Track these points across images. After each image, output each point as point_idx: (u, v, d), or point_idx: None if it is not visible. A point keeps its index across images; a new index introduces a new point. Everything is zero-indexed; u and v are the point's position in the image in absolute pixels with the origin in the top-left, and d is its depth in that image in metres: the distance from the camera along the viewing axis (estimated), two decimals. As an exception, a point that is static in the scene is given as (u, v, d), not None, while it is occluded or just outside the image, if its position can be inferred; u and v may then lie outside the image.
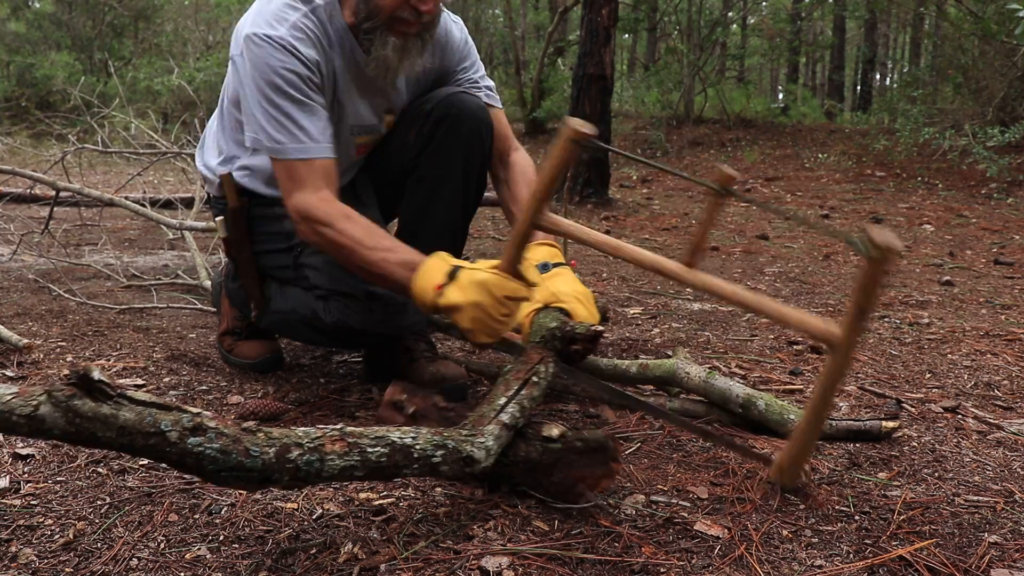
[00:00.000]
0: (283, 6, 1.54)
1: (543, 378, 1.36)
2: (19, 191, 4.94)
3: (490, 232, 4.86)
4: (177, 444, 0.90)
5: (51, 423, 0.86)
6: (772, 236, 4.91)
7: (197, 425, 0.92)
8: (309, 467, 0.98)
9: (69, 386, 0.87)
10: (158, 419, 0.90)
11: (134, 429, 0.89)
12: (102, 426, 0.88)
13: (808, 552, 1.10)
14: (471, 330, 1.35)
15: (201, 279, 2.81)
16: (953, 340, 2.35)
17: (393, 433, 1.07)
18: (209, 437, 0.92)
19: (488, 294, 1.32)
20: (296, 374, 1.90)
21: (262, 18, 1.53)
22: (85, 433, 0.88)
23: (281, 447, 0.97)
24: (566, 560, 1.06)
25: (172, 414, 0.91)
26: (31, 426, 0.86)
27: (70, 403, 0.87)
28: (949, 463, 1.43)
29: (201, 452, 0.92)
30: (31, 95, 14.28)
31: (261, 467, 0.95)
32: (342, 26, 1.59)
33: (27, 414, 0.86)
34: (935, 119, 9.73)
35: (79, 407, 0.87)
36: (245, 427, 0.97)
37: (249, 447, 0.94)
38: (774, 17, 16.63)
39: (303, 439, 1.00)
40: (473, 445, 1.13)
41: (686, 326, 2.48)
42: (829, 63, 20.46)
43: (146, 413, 0.90)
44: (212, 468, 0.93)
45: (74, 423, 0.87)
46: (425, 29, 1.59)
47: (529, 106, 12.55)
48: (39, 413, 0.86)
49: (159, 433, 0.90)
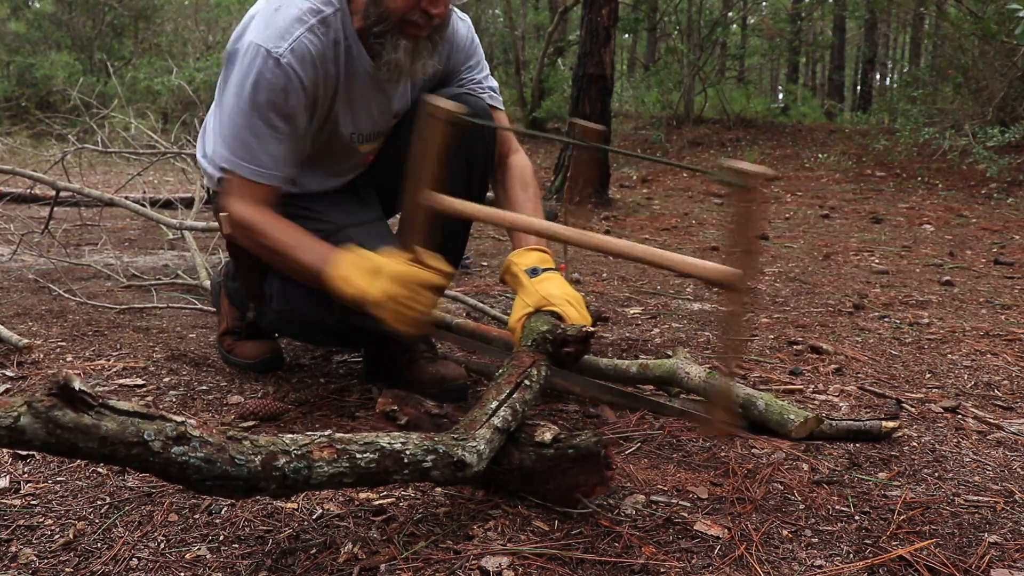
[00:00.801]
0: (292, 21, 1.51)
1: (536, 381, 1.35)
2: (19, 191, 4.94)
3: (490, 232, 4.85)
4: (160, 454, 0.88)
5: (31, 434, 0.84)
6: (772, 236, 4.91)
7: (181, 434, 0.90)
8: (297, 475, 0.97)
9: (49, 396, 0.85)
10: (141, 428, 0.88)
11: (116, 439, 0.87)
12: (84, 437, 0.85)
13: (808, 552, 1.10)
14: (389, 321, 1.38)
15: (201, 279, 2.81)
16: (953, 340, 2.35)
17: (382, 439, 1.06)
18: (193, 446, 0.90)
19: (402, 285, 1.36)
20: (296, 374, 1.90)
21: (270, 30, 1.50)
22: (67, 444, 0.85)
23: (267, 455, 0.95)
24: (566, 560, 1.06)
25: (155, 423, 0.89)
26: (11, 437, 0.83)
27: (50, 414, 0.84)
28: (949, 463, 1.43)
29: (185, 462, 0.90)
30: (31, 95, 14.27)
31: (247, 475, 0.93)
32: (352, 33, 1.58)
33: (7, 426, 0.83)
34: (935, 119, 9.74)
35: (59, 418, 0.84)
36: (231, 435, 0.95)
37: (234, 455, 0.93)
38: (774, 17, 16.64)
39: (290, 446, 0.98)
40: (464, 449, 1.12)
41: (686, 326, 2.48)
42: (829, 63, 20.47)
43: (128, 423, 0.88)
44: (196, 478, 0.91)
45: (55, 434, 0.84)
46: (435, 31, 1.58)
47: (529, 106, 12.55)
48: (19, 424, 0.83)
49: (142, 443, 0.88)
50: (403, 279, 1.36)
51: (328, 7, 1.54)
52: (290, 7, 1.52)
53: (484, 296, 2.89)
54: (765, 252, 4.26)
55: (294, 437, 1.00)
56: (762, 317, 2.63)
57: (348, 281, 1.40)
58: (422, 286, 1.37)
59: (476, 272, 3.51)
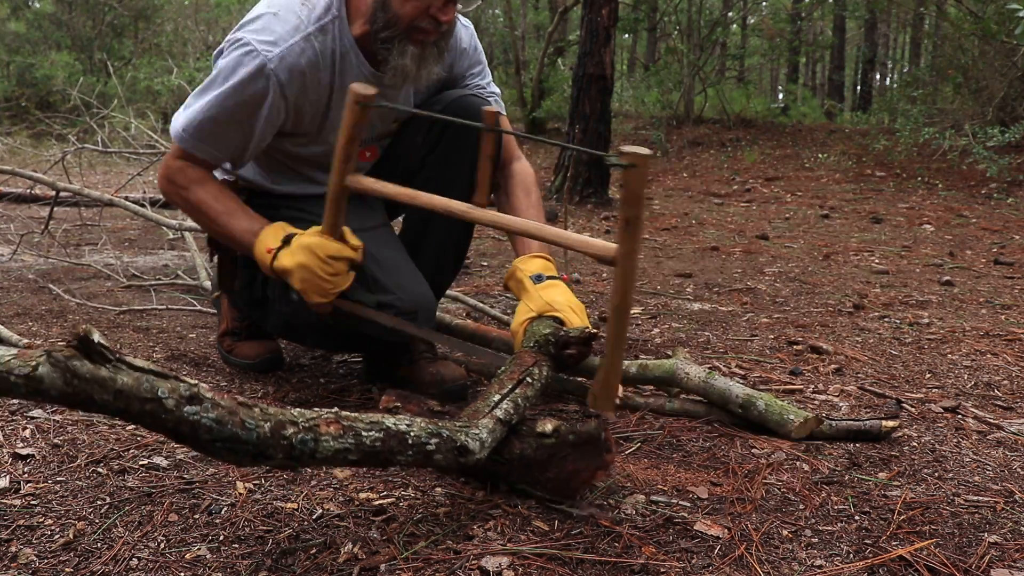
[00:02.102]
0: (290, 28, 1.52)
1: (537, 379, 1.37)
2: (19, 191, 4.94)
3: (490, 232, 4.86)
4: (173, 412, 0.89)
5: (49, 383, 0.85)
6: (772, 236, 4.91)
7: (194, 394, 0.91)
8: (303, 446, 0.98)
9: (69, 347, 0.86)
10: (155, 385, 0.89)
11: (131, 394, 0.87)
12: (99, 388, 0.86)
13: (808, 552, 1.10)
14: (303, 290, 1.47)
15: (201, 279, 2.81)
16: (953, 340, 2.35)
17: (388, 419, 1.08)
18: (205, 407, 0.91)
19: (312, 255, 1.45)
20: (296, 374, 1.90)
21: (266, 32, 1.51)
22: (82, 395, 0.86)
23: (276, 423, 0.97)
24: (566, 560, 1.06)
25: (170, 382, 0.90)
26: (29, 386, 0.84)
27: (69, 363, 0.85)
28: (949, 463, 1.43)
29: (197, 421, 0.91)
30: (31, 95, 14.27)
31: (256, 440, 0.94)
32: (350, 41, 1.58)
33: (25, 374, 0.84)
34: (935, 119, 9.74)
35: (77, 368, 0.85)
36: (242, 401, 0.96)
37: (245, 419, 0.94)
38: (774, 17, 16.64)
39: (298, 418, 1.00)
40: (467, 436, 1.13)
41: (686, 326, 2.48)
42: (829, 63, 20.47)
43: (144, 379, 0.89)
44: (207, 438, 0.92)
45: (72, 384, 0.85)
46: (442, 37, 1.59)
47: (529, 106, 12.55)
48: (37, 373, 0.84)
49: (156, 400, 0.89)
50: (315, 250, 1.45)
51: (327, 15, 1.55)
52: (289, 13, 1.54)
53: (484, 296, 2.89)
54: (765, 252, 4.26)
55: (302, 411, 1.01)
56: (762, 317, 2.63)
57: (268, 250, 1.50)
58: (333, 258, 1.45)
59: (476, 272, 3.51)
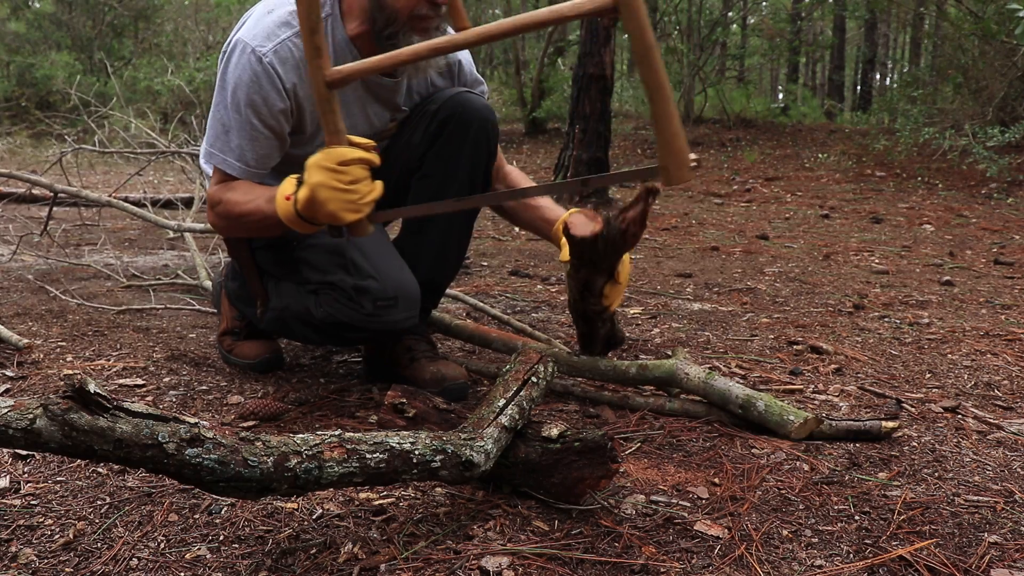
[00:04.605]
0: (279, 24, 1.54)
1: (542, 378, 1.37)
2: (19, 191, 4.94)
3: (490, 232, 4.86)
4: (175, 456, 0.90)
5: (48, 436, 0.86)
6: (772, 236, 4.91)
7: (195, 436, 0.91)
8: (308, 475, 0.98)
9: (65, 399, 0.87)
10: (155, 431, 0.89)
11: (131, 441, 0.88)
12: (99, 439, 0.87)
13: (808, 552, 1.10)
14: (333, 213, 1.32)
15: (201, 279, 2.81)
16: (953, 340, 2.35)
17: (392, 439, 1.07)
18: (207, 448, 0.92)
19: (323, 170, 1.31)
20: (296, 374, 1.90)
21: (258, 30, 1.53)
22: (82, 446, 0.87)
23: (279, 456, 0.97)
24: (566, 560, 1.06)
25: (169, 425, 0.90)
26: (28, 439, 0.86)
27: (66, 416, 0.86)
28: (949, 463, 1.43)
29: (199, 463, 0.91)
30: (31, 95, 14.28)
31: (260, 476, 0.95)
32: (343, 39, 1.59)
33: (23, 428, 0.85)
34: (935, 119, 9.73)
35: (75, 420, 0.86)
36: (243, 436, 0.96)
37: (247, 457, 0.94)
38: (774, 17, 16.64)
39: (301, 447, 0.99)
40: (472, 449, 1.12)
41: (686, 326, 2.48)
42: (829, 63, 20.46)
43: (143, 425, 0.89)
44: (210, 479, 0.92)
45: (71, 436, 0.86)
46: (443, 20, 1.60)
47: (529, 106, 12.54)
48: (35, 427, 0.85)
49: (156, 445, 0.89)
50: (323, 163, 1.31)
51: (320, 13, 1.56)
52: (281, 10, 1.55)
53: (484, 296, 2.89)
54: (765, 252, 4.26)
55: (305, 437, 1.01)
56: (762, 317, 2.63)
57: (287, 197, 1.39)
58: (344, 163, 1.31)
59: (476, 272, 3.51)
